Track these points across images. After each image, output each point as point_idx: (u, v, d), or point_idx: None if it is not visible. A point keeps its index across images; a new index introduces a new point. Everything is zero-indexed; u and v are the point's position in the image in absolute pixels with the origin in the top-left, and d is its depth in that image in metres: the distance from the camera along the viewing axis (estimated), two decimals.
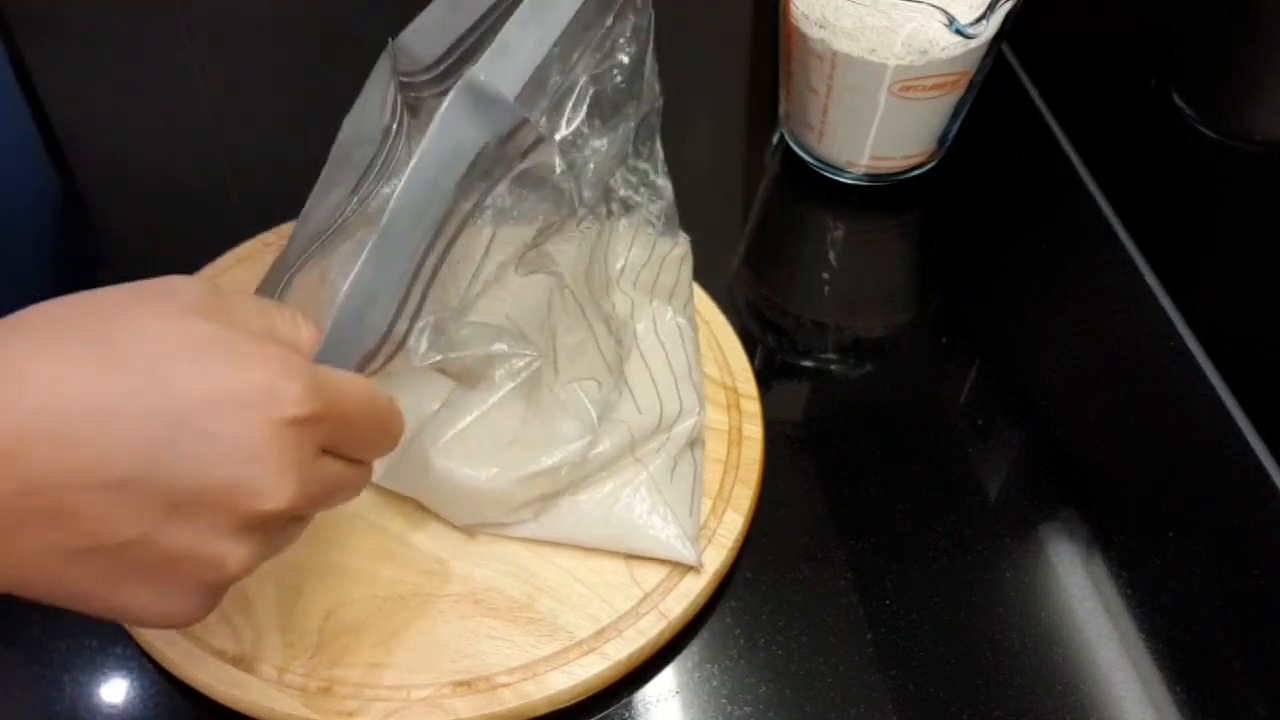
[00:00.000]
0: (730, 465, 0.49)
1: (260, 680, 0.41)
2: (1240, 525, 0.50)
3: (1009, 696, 0.44)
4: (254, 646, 0.42)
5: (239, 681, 0.41)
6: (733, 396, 0.51)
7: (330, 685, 0.41)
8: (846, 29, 0.56)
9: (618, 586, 0.45)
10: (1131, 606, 0.47)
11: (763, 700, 0.44)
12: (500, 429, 0.44)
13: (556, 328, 0.44)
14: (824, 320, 0.59)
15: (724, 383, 0.52)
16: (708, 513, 0.47)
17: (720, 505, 0.47)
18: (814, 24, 0.57)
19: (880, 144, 0.61)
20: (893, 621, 0.46)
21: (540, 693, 0.42)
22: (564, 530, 0.45)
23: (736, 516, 0.47)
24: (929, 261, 0.63)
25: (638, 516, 0.45)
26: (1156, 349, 0.57)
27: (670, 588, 0.45)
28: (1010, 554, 0.49)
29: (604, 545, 0.45)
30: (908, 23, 0.54)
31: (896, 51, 0.55)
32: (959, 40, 0.54)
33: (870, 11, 0.55)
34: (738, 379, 0.52)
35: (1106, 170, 0.65)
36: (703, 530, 0.46)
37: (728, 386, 0.52)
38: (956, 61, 0.56)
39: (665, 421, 0.47)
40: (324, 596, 0.44)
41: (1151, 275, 0.60)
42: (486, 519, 0.45)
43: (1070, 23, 0.70)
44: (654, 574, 0.45)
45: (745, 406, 0.51)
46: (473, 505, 0.45)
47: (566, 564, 0.45)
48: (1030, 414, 0.54)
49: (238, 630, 0.43)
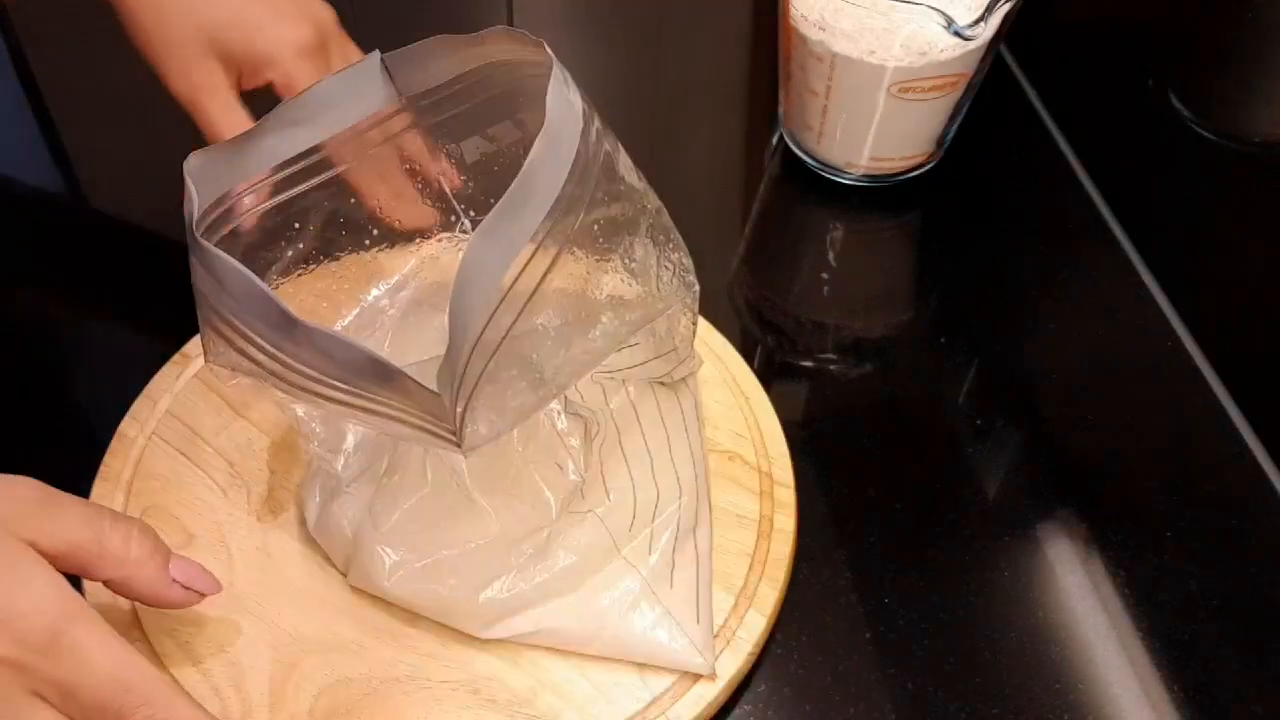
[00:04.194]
0: (757, 560, 0.46)
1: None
2: (1237, 525, 0.50)
3: (1007, 695, 0.44)
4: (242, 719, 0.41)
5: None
6: (767, 483, 0.48)
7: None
8: (846, 30, 0.56)
9: (626, 687, 0.42)
10: (1129, 605, 0.47)
11: (762, 699, 0.44)
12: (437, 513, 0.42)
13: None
14: (823, 320, 0.59)
15: (759, 467, 0.49)
16: (729, 611, 0.44)
17: (743, 604, 0.44)
18: (813, 26, 0.57)
19: (879, 145, 0.61)
20: (891, 620, 0.46)
21: None
22: (566, 641, 0.43)
23: (759, 618, 0.44)
24: (928, 262, 0.63)
25: (641, 632, 0.42)
26: (1154, 349, 0.57)
27: (681, 693, 0.42)
28: (1008, 553, 0.49)
29: (610, 656, 0.43)
30: (906, 24, 0.54)
31: (895, 53, 0.56)
32: (957, 42, 0.54)
33: (869, 13, 0.55)
34: (774, 464, 0.49)
35: (1105, 172, 0.65)
36: (722, 630, 0.44)
37: (763, 472, 0.48)
38: (955, 63, 0.57)
39: (641, 512, 0.44)
40: (319, 674, 0.42)
41: (1149, 276, 0.60)
42: (467, 629, 0.43)
43: (1068, 24, 0.70)
44: (665, 677, 0.42)
45: (780, 496, 0.48)
46: (444, 616, 0.43)
47: (574, 658, 0.43)
48: (1028, 414, 0.54)
49: (226, 701, 0.41)
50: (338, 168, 0.44)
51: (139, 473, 0.48)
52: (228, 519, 0.47)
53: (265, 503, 0.47)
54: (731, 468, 0.49)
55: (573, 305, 0.40)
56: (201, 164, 0.38)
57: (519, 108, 0.44)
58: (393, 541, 0.42)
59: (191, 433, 0.49)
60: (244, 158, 0.41)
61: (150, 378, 0.51)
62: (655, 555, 0.44)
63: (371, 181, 0.46)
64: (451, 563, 0.42)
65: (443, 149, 0.46)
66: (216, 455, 0.49)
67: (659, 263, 0.42)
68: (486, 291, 0.34)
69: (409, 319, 0.48)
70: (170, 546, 0.45)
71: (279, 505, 0.47)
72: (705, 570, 0.44)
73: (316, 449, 0.44)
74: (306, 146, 0.43)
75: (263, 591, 0.45)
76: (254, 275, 0.34)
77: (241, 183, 0.41)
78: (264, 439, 0.49)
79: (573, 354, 0.40)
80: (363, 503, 0.43)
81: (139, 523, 0.38)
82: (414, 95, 0.44)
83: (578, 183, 0.36)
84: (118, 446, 0.49)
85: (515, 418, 0.38)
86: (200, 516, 0.47)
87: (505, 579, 0.42)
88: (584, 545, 0.43)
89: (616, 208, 0.40)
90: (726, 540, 0.46)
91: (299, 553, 0.46)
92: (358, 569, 0.43)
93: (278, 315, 0.34)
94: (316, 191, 0.44)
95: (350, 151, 0.44)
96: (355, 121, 0.43)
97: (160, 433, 0.49)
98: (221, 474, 0.48)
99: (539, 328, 0.38)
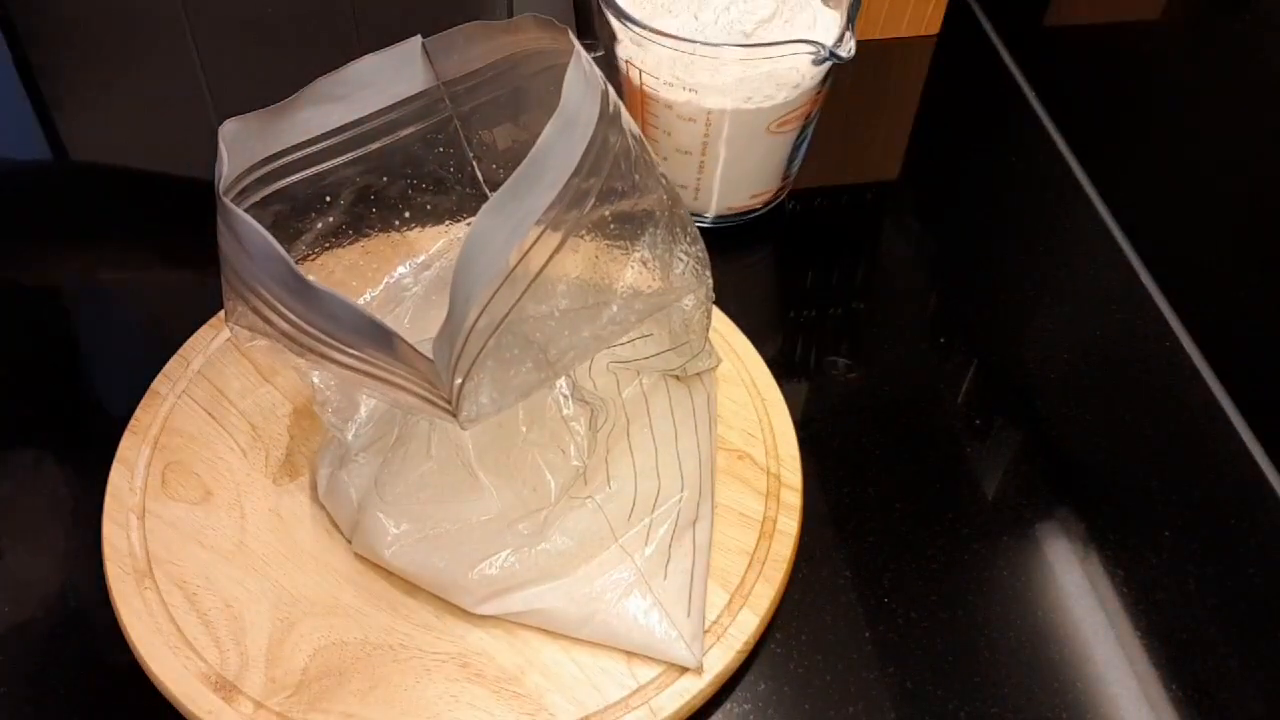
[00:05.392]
0: (756, 560, 0.46)
1: (235, 713, 0.41)
2: (1235, 523, 0.50)
3: (1006, 694, 0.44)
4: (238, 673, 0.42)
5: (215, 711, 0.41)
6: (774, 485, 0.48)
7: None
8: (718, 85, 0.54)
9: (612, 674, 0.43)
10: (1127, 604, 0.47)
11: (761, 698, 0.44)
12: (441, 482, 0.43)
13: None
14: (820, 320, 0.59)
15: (768, 469, 0.49)
16: (722, 608, 0.44)
17: (737, 602, 0.45)
18: (678, 89, 0.55)
19: (755, 183, 0.60)
20: (890, 620, 0.46)
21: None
22: (557, 623, 0.43)
23: (752, 617, 0.44)
24: (923, 263, 0.63)
25: (632, 621, 0.43)
26: (1152, 348, 0.57)
27: (666, 684, 0.42)
28: (1007, 552, 0.49)
29: (599, 641, 0.43)
30: (776, 63, 0.53)
31: (769, 93, 0.55)
32: (824, 66, 0.54)
33: (733, 64, 0.53)
34: (783, 466, 0.49)
35: (1101, 169, 0.65)
36: (713, 626, 0.44)
37: (771, 473, 0.49)
38: (818, 84, 0.56)
39: (641, 502, 0.45)
40: (316, 634, 0.43)
41: (1147, 275, 0.60)
42: (461, 604, 0.44)
43: (1060, 18, 0.70)
44: (653, 667, 0.43)
45: (786, 498, 0.48)
46: (439, 589, 0.44)
47: (566, 641, 0.43)
48: (1026, 413, 0.54)
49: (225, 654, 0.43)
50: (371, 145, 0.45)
51: (166, 428, 0.50)
52: (245, 479, 0.48)
53: (282, 466, 0.48)
54: (740, 466, 0.49)
55: (582, 290, 0.40)
56: (236, 130, 0.40)
57: (551, 96, 0.45)
58: (395, 512, 0.43)
59: (219, 394, 0.51)
60: (278, 128, 0.42)
61: (186, 339, 0.53)
62: (651, 546, 0.44)
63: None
64: (450, 537, 0.43)
65: (476, 134, 0.47)
66: (241, 417, 0.50)
67: (674, 254, 0.42)
68: (490, 268, 0.35)
69: (431, 297, 0.49)
70: (188, 502, 0.47)
71: (295, 470, 0.48)
72: (701, 565, 0.45)
73: (330, 416, 0.45)
74: (342, 123, 0.44)
75: (271, 552, 0.46)
76: (269, 235, 0.35)
77: (274, 151, 0.42)
78: (286, 405, 0.50)
79: (581, 338, 0.41)
80: (370, 472, 0.44)
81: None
82: (450, 80, 0.45)
83: (591, 167, 0.37)
84: (149, 402, 0.50)
85: (517, 395, 0.39)
86: (219, 475, 0.48)
87: (499, 557, 0.43)
88: (581, 530, 0.44)
89: (635, 199, 0.40)
90: (727, 538, 0.47)
91: (309, 517, 0.47)
92: (361, 536, 0.44)
93: (289, 275, 0.35)
94: (349, 167, 0.45)
95: (384, 130, 0.45)
96: (391, 102, 0.45)
97: (190, 392, 0.51)
98: (244, 436, 0.49)
99: (547, 310, 0.39)
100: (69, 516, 0.48)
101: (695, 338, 0.46)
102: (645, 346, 0.46)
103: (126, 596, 0.44)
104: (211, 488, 0.48)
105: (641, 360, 0.47)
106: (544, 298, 0.38)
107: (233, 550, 0.46)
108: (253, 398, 0.51)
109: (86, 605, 0.45)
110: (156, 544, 0.46)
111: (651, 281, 0.42)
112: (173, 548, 0.46)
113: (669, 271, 0.43)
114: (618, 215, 0.40)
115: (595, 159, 0.37)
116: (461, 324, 0.35)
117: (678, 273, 0.43)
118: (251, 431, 0.50)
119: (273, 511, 0.47)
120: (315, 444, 0.49)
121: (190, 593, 0.44)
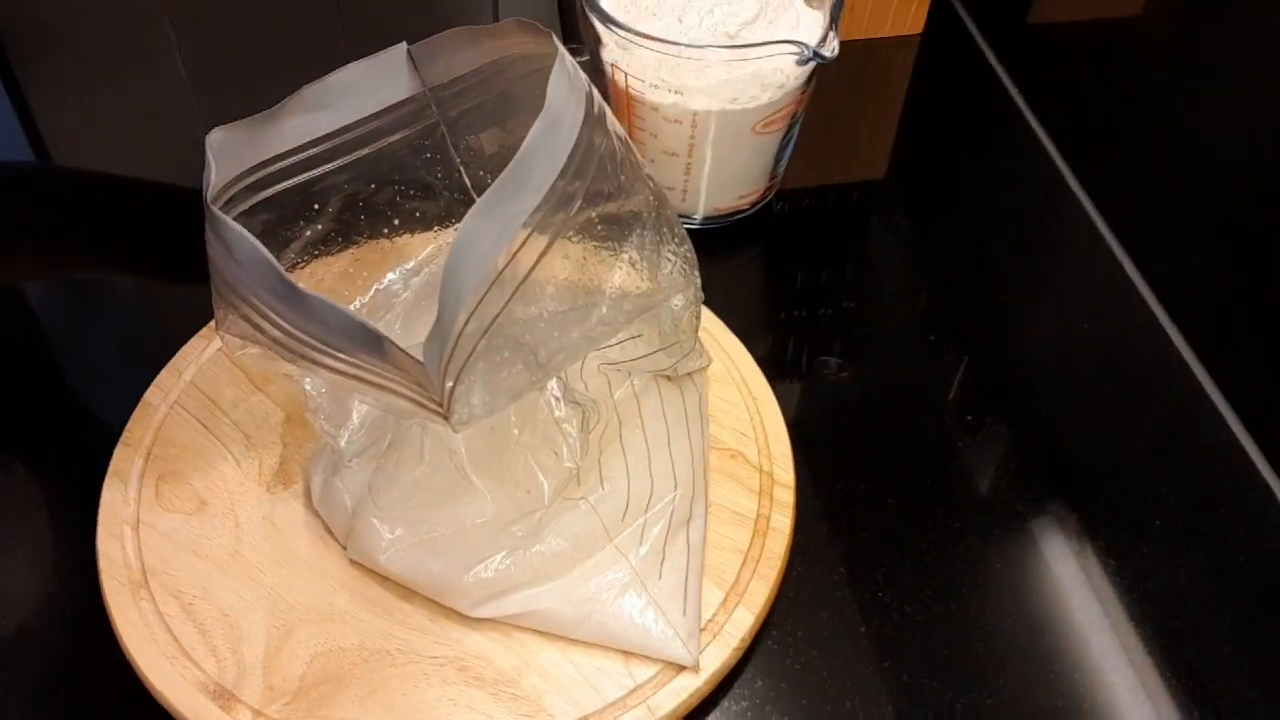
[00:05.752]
0: (751, 558, 0.46)
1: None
2: (1225, 512, 0.50)
3: (1001, 685, 0.45)
4: (236, 682, 0.42)
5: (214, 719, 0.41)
6: (767, 483, 0.49)
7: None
8: (702, 87, 0.54)
9: (610, 673, 0.43)
10: (1120, 595, 0.47)
11: (758, 695, 0.44)
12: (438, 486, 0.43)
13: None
14: (810, 319, 0.59)
15: (760, 466, 0.49)
16: (718, 606, 0.45)
17: (733, 600, 0.45)
18: (662, 91, 0.55)
19: (742, 183, 0.61)
20: (885, 614, 0.47)
21: None
22: (554, 624, 0.43)
23: (748, 614, 0.44)
24: (917, 263, 0.63)
25: (628, 620, 0.43)
26: (1139, 341, 0.58)
27: (664, 682, 0.43)
28: (1000, 546, 0.49)
29: (596, 642, 0.43)
30: (759, 64, 0.54)
31: (754, 94, 0.55)
32: (808, 66, 0.54)
33: (717, 65, 0.53)
34: (775, 464, 0.49)
35: (1087, 165, 0.66)
36: (709, 624, 0.44)
37: (764, 471, 0.49)
38: (802, 84, 0.57)
39: (635, 502, 0.45)
40: (313, 641, 0.43)
41: (1134, 269, 0.61)
42: (457, 607, 0.44)
43: (1043, 16, 0.70)
44: (650, 666, 0.43)
45: (779, 496, 0.48)
46: (435, 593, 0.44)
47: (562, 643, 0.44)
48: (1018, 408, 0.55)
49: (223, 663, 0.43)
50: (359, 152, 0.45)
51: (159, 439, 0.50)
52: (239, 488, 0.48)
53: (276, 474, 0.49)
54: (733, 465, 0.49)
55: (571, 292, 0.40)
56: (223, 139, 0.40)
57: (536, 100, 0.45)
58: (390, 518, 0.44)
59: (212, 404, 0.51)
60: (265, 136, 0.42)
61: (178, 350, 0.53)
62: (646, 546, 0.45)
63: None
64: (445, 541, 0.43)
65: (463, 140, 0.47)
66: (234, 427, 0.50)
67: (661, 255, 0.43)
68: (478, 271, 0.35)
69: (421, 302, 0.49)
70: (182, 513, 0.47)
71: (289, 478, 0.48)
72: (696, 564, 0.45)
73: (323, 424, 0.45)
74: (329, 130, 0.44)
75: (266, 560, 0.46)
76: (258, 242, 0.35)
77: (261, 159, 0.42)
78: (279, 413, 0.51)
79: (571, 339, 0.41)
80: (364, 479, 0.44)
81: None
82: (436, 86, 0.45)
83: (577, 169, 0.37)
84: (141, 413, 0.50)
85: (509, 397, 0.39)
86: (213, 485, 0.48)
87: (495, 559, 0.43)
88: (575, 531, 0.44)
89: (621, 201, 0.41)
90: (721, 537, 0.47)
91: (304, 524, 0.47)
92: (356, 542, 0.44)
93: (278, 281, 0.35)
94: (336, 174, 0.45)
95: (371, 137, 0.45)
96: (378, 108, 0.45)
97: (182, 402, 0.51)
98: (237, 445, 0.50)
99: (536, 311, 0.39)
100: (63, 529, 0.48)
101: (685, 338, 0.46)
102: (635, 347, 0.46)
103: (122, 608, 0.44)
104: (205, 497, 0.48)
105: (632, 361, 0.47)
106: (533, 300, 0.38)
107: (228, 559, 0.46)
108: (245, 407, 0.51)
109: (82, 618, 0.45)
110: (151, 555, 0.46)
111: (640, 282, 0.43)
112: (168, 558, 0.46)
113: (657, 272, 0.43)
114: (605, 217, 0.40)
115: (581, 161, 0.37)
116: (451, 327, 0.35)
117: (665, 273, 0.43)
118: (245, 440, 0.50)
119: (267, 520, 0.47)
120: (308, 451, 0.49)
121: (186, 602, 0.44)
